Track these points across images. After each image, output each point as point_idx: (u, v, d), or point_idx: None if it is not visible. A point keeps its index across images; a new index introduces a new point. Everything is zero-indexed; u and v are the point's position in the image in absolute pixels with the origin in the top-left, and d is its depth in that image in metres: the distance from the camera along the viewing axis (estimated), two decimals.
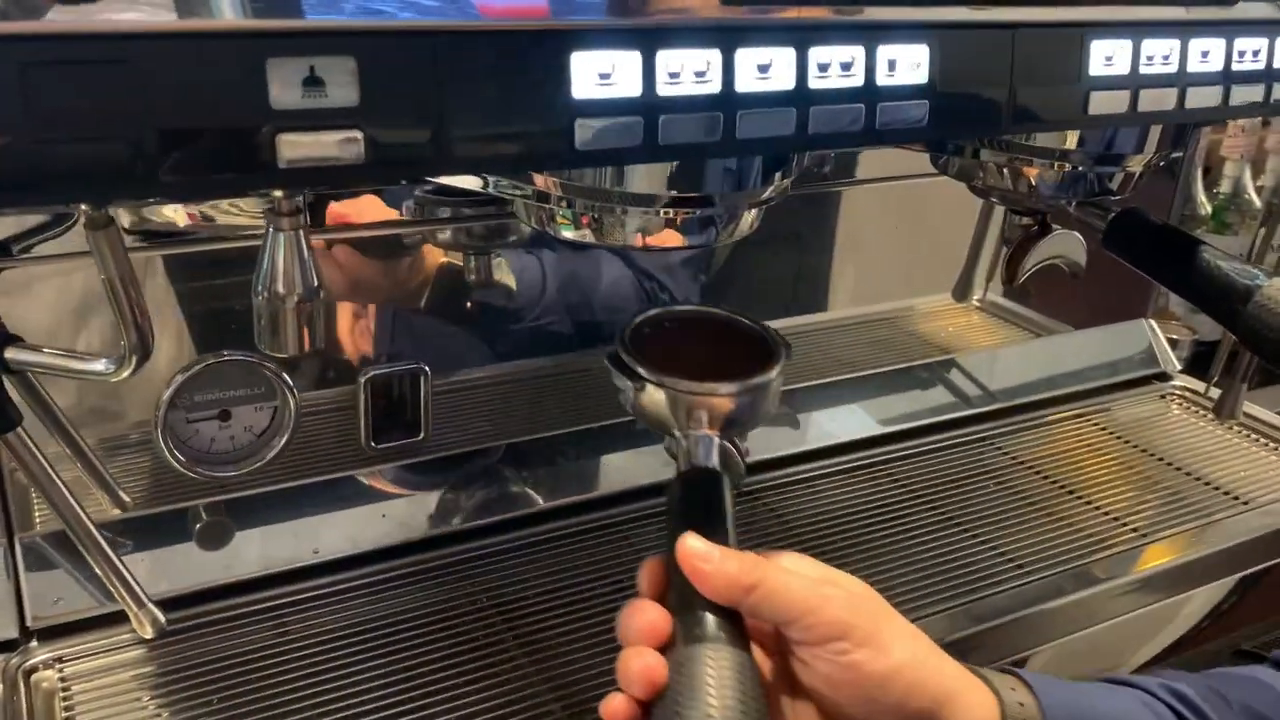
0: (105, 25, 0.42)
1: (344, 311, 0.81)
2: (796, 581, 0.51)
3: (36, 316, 0.72)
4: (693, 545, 0.52)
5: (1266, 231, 1.42)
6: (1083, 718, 0.55)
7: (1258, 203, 1.78)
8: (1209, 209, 1.80)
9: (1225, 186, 1.80)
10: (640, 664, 0.49)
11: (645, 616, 0.51)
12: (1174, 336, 1.52)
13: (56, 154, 0.42)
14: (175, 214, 0.74)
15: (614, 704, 0.50)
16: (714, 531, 0.54)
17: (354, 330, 0.82)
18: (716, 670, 0.48)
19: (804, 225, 1.02)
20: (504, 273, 0.86)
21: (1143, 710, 0.57)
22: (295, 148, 0.45)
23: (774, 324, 1.01)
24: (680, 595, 0.52)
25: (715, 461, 0.60)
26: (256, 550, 0.80)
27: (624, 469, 0.93)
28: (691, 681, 0.48)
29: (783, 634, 0.52)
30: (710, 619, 0.51)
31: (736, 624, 0.51)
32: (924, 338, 1.12)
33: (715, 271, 0.98)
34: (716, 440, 0.61)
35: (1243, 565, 0.90)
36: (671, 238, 0.64)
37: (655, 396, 0.61)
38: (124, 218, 0.73)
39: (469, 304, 0.86)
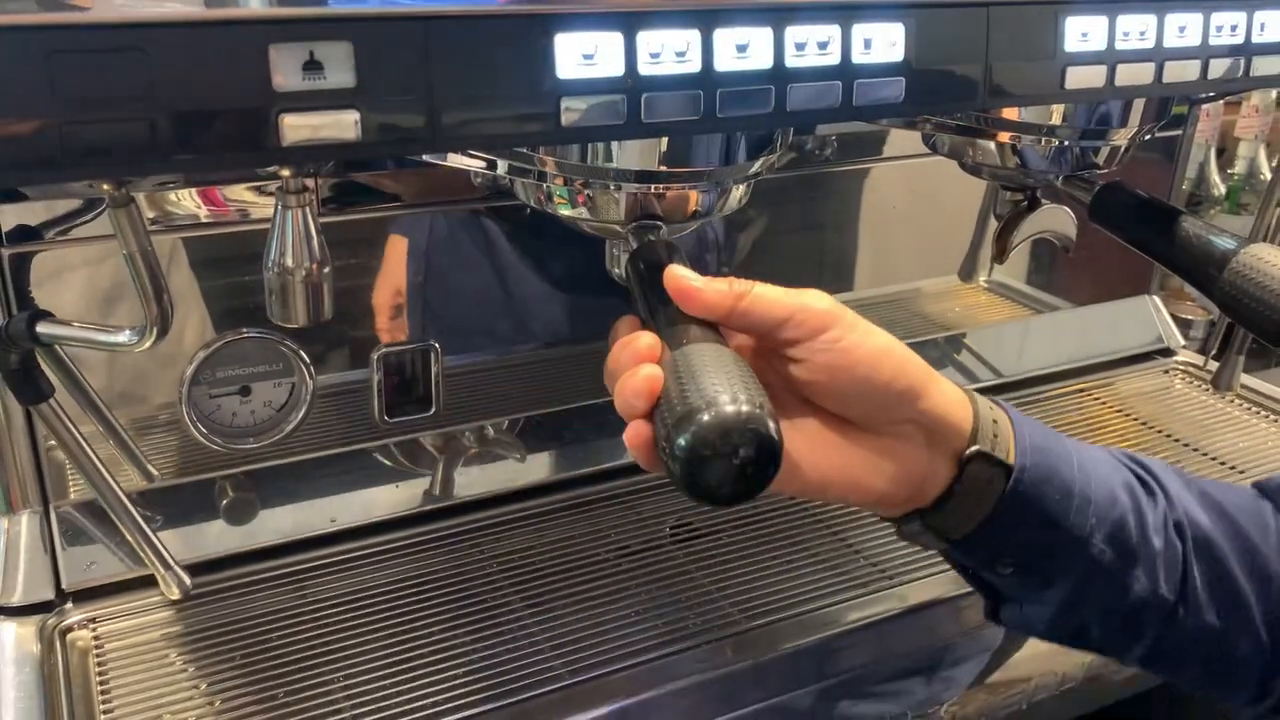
0: (123, 16, 0.46)
1: (358, 290, 0.85)
2: (777, 289, 0.55)
3: (70, 301, 0.76)
4: (680, 270, 0.56)
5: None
6: (1049, 446, 0.58)
7: None
8: (1223, 189, 1.80)
9: (1240, 167, 1.80)
10: (638, 377, 0.51)
11: (636, 343, 0.53)
12: (1188, 316, 1.54)
13: (80, 135, 0.46)
14: (198, 208, 0.79)
15: (631, 431, 0.51)
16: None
17: (368, 308, 0.85)
18: (711, 357, 0.50)
19: (808, 208, 1.04)
20: None
21: (1109, 459, 0.61)
22: (297, 127, 0.49)
23: None
24: (667, 324, 0.55)
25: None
26: (276, 519, 0.84)
27: None
28: (687, 371, 0.49)
29: (774, 342, 0.56)
30: (695, 328, 0.53)
31: (721, 338, 0.54)
32: (931, 318, 1.14)
33: (722, 253, 1.01)
34: (664, 231, 0.66)
35: None
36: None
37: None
38: (148, 210, 0.77)
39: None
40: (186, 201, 0.78)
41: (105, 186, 0.55)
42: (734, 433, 0.46)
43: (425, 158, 0.73)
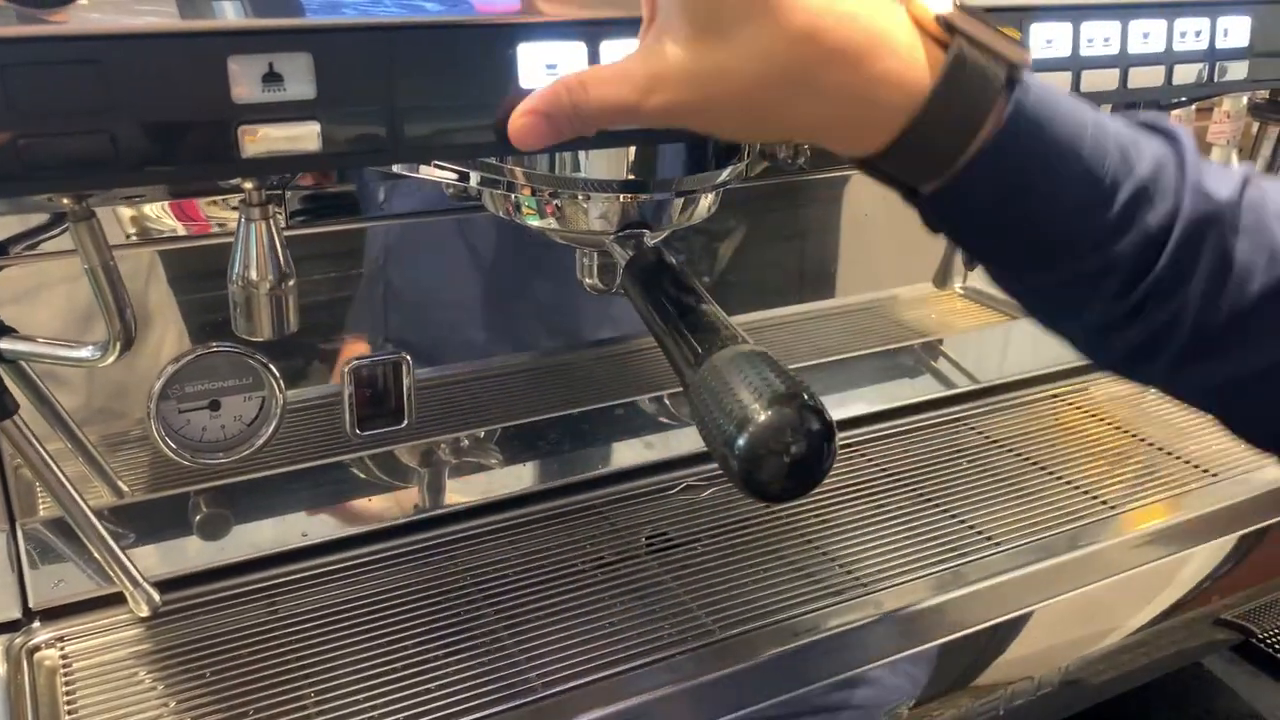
0: (79, 28, 0.46)
1: (328, 303, 0.84)
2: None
3: (43, 318, 0.75)
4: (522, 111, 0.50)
5: None
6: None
7: None
8: None
9: None
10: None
11: None
12: None
13: (38, 149, 0.46)
14: (175, 221, 0.78)
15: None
16: (688, 292, 0.59)
17: (338, 321, 0.85)
18: (746, 358, 0.52)
19: (782, 217, 1.04)
20: None
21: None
22: (257, 140, 0.48)
23: (757, 315, 1.05)
24: (688, 328, 0.56)
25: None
26: (248, 534, 0.83)
27: (602, 454, 0.96)
28: (731, 374, 0.51)
29: None
30: (722, 329, 0.55)
31: (745, 337, 0.55)
32: (907, 325, 1.15)
33: (696, 264, 1.01)
34: (649, 237, 0.66)
35: (1211, 534, 0.92)
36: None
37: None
38: (128, 225, 0.76)
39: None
40: (165, 218, 0.77)
41: (65, 201, 0.55)
42: (790, 429, 0.48)
43: (395, 169, 0.73)
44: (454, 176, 0.69)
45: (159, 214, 0.77)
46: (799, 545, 0.87)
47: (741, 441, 0.49)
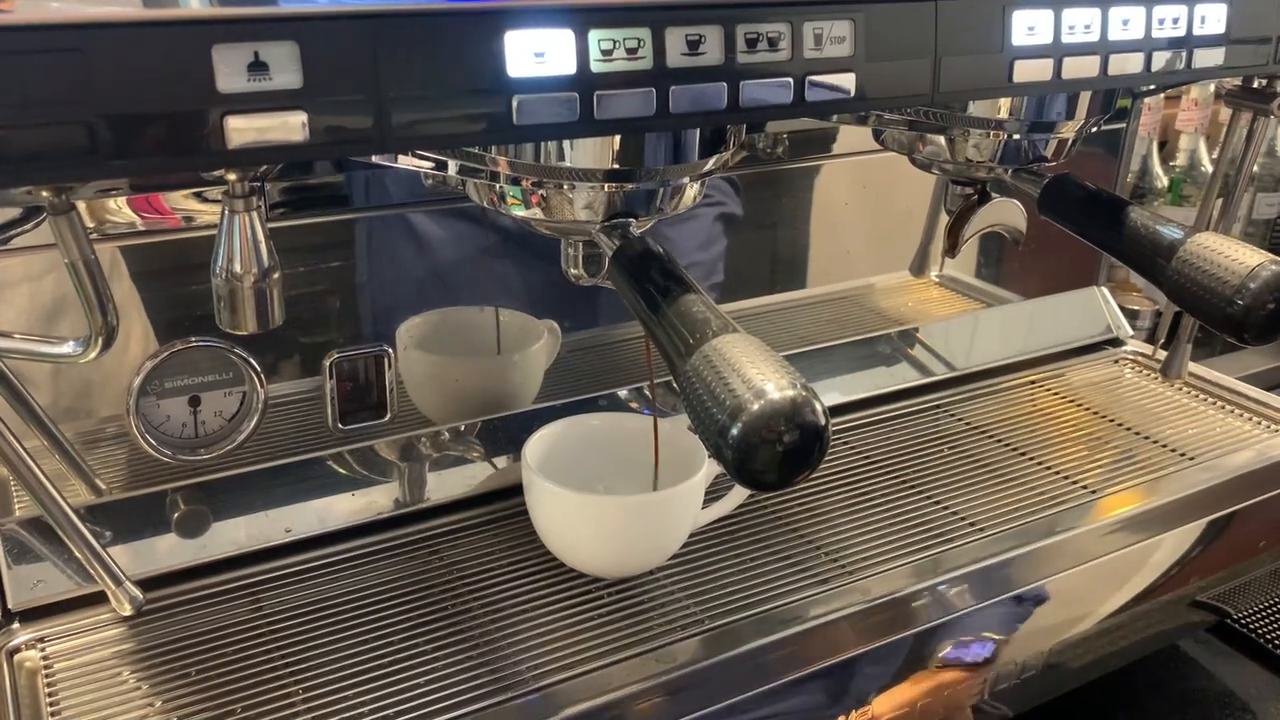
0: (60, 16, 0.45)
1: (309, 296, 0.83)
2: None
3: (9, 316, 0.74)
4: None
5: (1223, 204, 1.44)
6: None
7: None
8: (1166, 181, 1.84)
9: (1181, 160, 1.84)
10: None
11: None
12: (1135, 307, 1.57)
13: (16, 140, 0.45)
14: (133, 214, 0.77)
15: None
16: (676, 281, 0.59)
17: (320, 314, 0.84)
18: (741, 347, 0.53)
19: (760, 206, 1.04)
20: None
21: None
22: (242, 130, 0.48)
23: (735, 304, 1.05)
24: (676, 317, 0.57)
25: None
26: (230, 530, 0.82)
27: None
28: (723, 364, 0.52)
29: None
30: (713, 318, 0.56)
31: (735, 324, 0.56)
32: (884, 313, 1.15)
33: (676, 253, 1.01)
34: (635, 227, 0.66)
35: (1188, 517, 0.93)
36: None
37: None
38: (87, 219, 0.75)
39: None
40: (126, 210, 0.76)
41: (45, 193, 0.54)
42: (783, 418, 0.49)
43: (375, 159, 0.72)
44: (431, 166, 0.69)
45: (119, 206, 0.75)
46: (784, 534, 0.88)
47: (735, 431, 0.49)
